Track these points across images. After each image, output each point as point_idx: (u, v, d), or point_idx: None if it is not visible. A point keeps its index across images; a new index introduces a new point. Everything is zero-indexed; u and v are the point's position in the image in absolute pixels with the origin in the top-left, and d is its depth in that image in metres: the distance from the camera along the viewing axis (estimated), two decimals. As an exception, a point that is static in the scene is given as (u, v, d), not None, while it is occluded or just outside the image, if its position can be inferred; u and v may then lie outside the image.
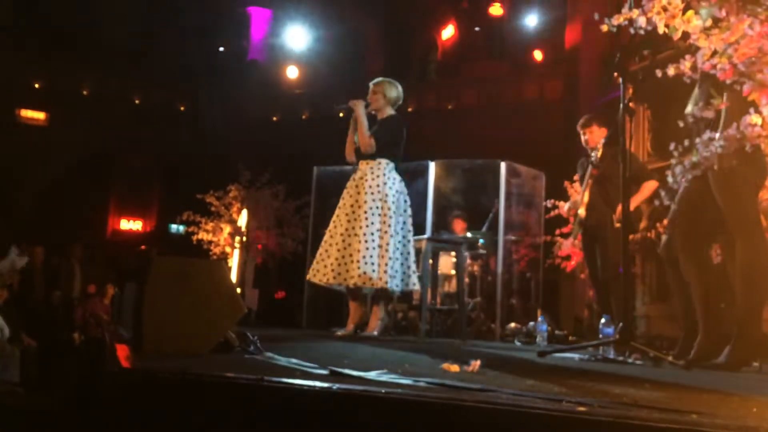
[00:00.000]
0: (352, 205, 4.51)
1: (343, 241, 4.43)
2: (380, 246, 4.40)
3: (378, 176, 4.52)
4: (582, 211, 4.70)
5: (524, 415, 1.49)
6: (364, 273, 4.32)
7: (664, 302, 4.67)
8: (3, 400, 5.30)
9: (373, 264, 4.35)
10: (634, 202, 4.46)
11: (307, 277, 4.60)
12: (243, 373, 1.89)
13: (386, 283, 4.34)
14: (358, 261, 4.33)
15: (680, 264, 3.35)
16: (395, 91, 4.75)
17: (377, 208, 4.45)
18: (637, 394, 1.87)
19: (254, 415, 1.74)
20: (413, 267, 4.61)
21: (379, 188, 4.49)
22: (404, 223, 4.58)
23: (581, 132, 4.88)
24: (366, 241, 4.36)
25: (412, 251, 4.65)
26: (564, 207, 5.21)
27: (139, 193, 14.77)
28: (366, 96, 4.75)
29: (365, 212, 4.43)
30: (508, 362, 3.24)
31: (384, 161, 4.58)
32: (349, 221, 4.47)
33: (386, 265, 4.37)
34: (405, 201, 4.64)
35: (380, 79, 4.82)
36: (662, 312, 4.77)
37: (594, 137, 4.83)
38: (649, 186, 4.53)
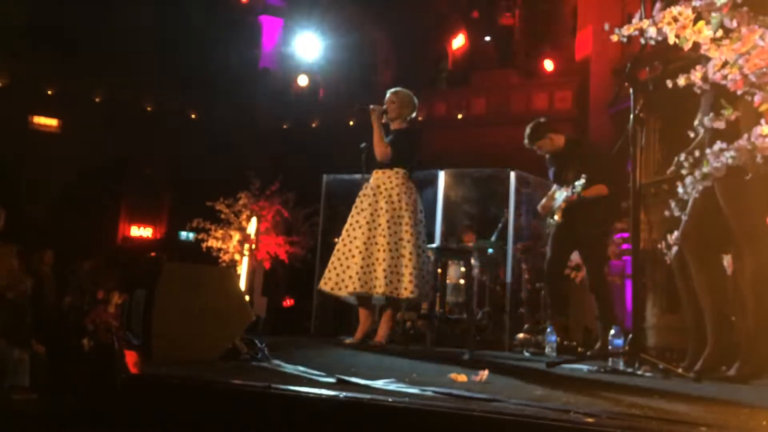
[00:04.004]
0: (371, 214, 4.50)
1: (367, 249, 4.43)
2: (403, 255, 4.40)
3: (395, 186, 4.53)
4: (558, 217, 4.72)
5: (532, 426, 1.48)
6: (390, 282, 4.32)
7: (674, 313, 4.64)
8: (16, 405, 5.33)
9: (398, 274, 4.35)
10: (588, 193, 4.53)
11: (322, 286, 4.58)
12: (251, 381, 1.90)
13: (411, 292, 4.35)
14: (384, 270, 4.33)
15: (692, 275, 3.33)
16: (412, 102, 4.76)
17: (398, 217, 4.46)
18: (646, 406, 1.85)
19: (261, 422, 1.75)
20: (429, 276, 4.62)
21: (398, 197, 4.50)
22: (419, 232, 4.59)
23: (533, 148, 4.93)
24: (390, 251, 4.37)
25: (428, 260, 4.66)
26: (542, 205, 5.21)
27: (150, 200, 14.85)
28: (380, 103, 4.77)
29: (386, 221, 4.43)
30: (516, 372, 3.23)
31: (401, 171, 4.59)
32: (369, 230, 4.47)
33: (411, 274, 4.37)
34: (421, 211, 4.65)
35: (398, 88, 4.83)
36: (672, 323, 4.73)
37: (547, 147, 4.88)
38: (599, 189, 4.57)
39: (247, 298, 4.27)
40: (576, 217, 4.64)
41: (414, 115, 4.82)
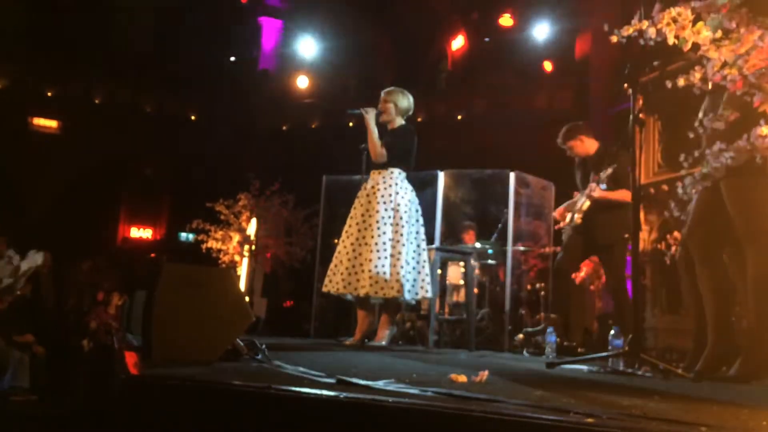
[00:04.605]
0: (363, 215, 4.51)
1: (354, 250, 4.44)
2: (392, 255, 4.40)
3: (390, 185, 4.53)
4: (578, 217, 4.70)
5: (532, 426, 1.49)
6: (376, 282, 4.31)
7: (674, 314, 4.64)
8: (16, 406, 5.32)
9: (385, 273, 4.35)
10: (609, 195, 4.51)
11: (323, 289, 4.61)
12: (251, 381, 1.90)
13: (398, 292, 4.34)
14: (369, 270, 4.33)
15: (696, 275, 3.32)
16: (406, 101, 4.76)
17: (389, 217, 4.46)
18: (646, 406, 1.85)
19: (262, 423, 1.75)
20: (428, 277, 4.61)
21: (391, 197, 4.50)
22: (417, 232, 4.59)
23: (564, 147, 4.93)
24: (378, 251, 4.36)
25: (427, 260, 4.65)
26: (559, 211, 5.19)
27: (150, 201, 14.85)
28: (377, 105, 4.77)
29: (377, 221, 4.43)
30: (516, 373, 3.23)
31: (396, 171, 4.59)
32: (359, 230, 4.48)
33: (398, 274, 4.37)
34: (417, 210, 4.65)
35: (392, 88, 4.83)
36: (672, 324, 4.74)
37: (577, 150, 4.87)
38: (624, 194, 4.54)
39: (246, 299, 4.27)
40: (596, 222, 4.62)
41: (410, 113, 4.82)
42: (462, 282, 6.12)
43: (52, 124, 13.91)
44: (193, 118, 14.92)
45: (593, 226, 4.64)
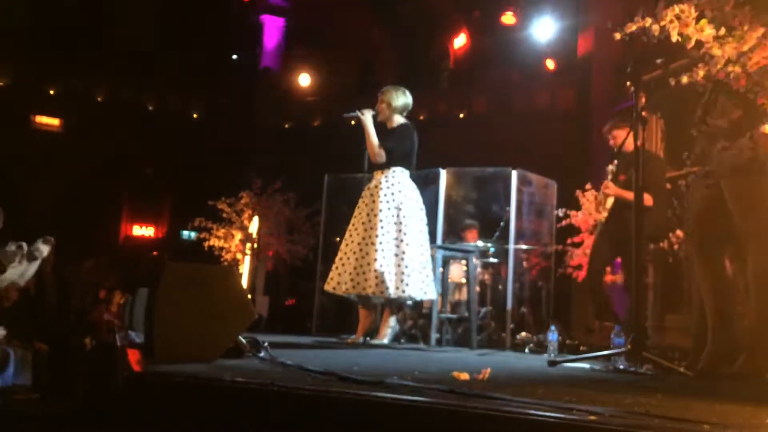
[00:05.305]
0: (368, 214, 4.50)
1: (360, 250, 4.43)
2: (396, 255, 4.39)
3: (393, 185, 4.51)
4: (604, 214, 4.68)
5: (534, 423, 1.48)
6: (382, 282, 4.31)
7: (675, 312, 4.65)
8: (17, 405, 5.33)
9: (390, 273, 4.34)
10: (624, 194, 4.47)
11: (326, 287, 4.60)
12: (253, 379, 1.90)
13: (403, 292, 4.34)
14: (375, 270, 4.32)
15: (695, 273, 3.32)
16: (403, 98, 4.72)
17: (393, 216, 4.45)
18: (648, 404, 1.85)
19: (264, 421, 1.75)
20: (431, 275, 4.60)
21: (393, 196, 4.49)
22: (420, 231, 4.57)
23: (608, 137, 4.88)
24: (383, 250, 4.35)
25: (430, 259, 4.64)
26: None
27: (152, 199, 14.86)
28: (376, 104, 4.75)
29: (380, 221, 4.42)
30: (518, 371, 3.23)
31: (399, 169, 4.57)
32: (366, 230, 4.47)
33: (402, 274, 4.36)
34: (420, 209, 4.63)
35: (388, 86, 4.81)
36: (674, 322, 4.74)
37: (620, 141, 4.84)
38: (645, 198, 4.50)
39: (249, 297, 4.27)
40: (621, 221, 4.58)
41: (409, 109, 4.79)
42: (464, 280, 6.11)
43: (54, 122, 13.92)
44: (195, 116, 14.92)
45: (618, 224, 4.61)
